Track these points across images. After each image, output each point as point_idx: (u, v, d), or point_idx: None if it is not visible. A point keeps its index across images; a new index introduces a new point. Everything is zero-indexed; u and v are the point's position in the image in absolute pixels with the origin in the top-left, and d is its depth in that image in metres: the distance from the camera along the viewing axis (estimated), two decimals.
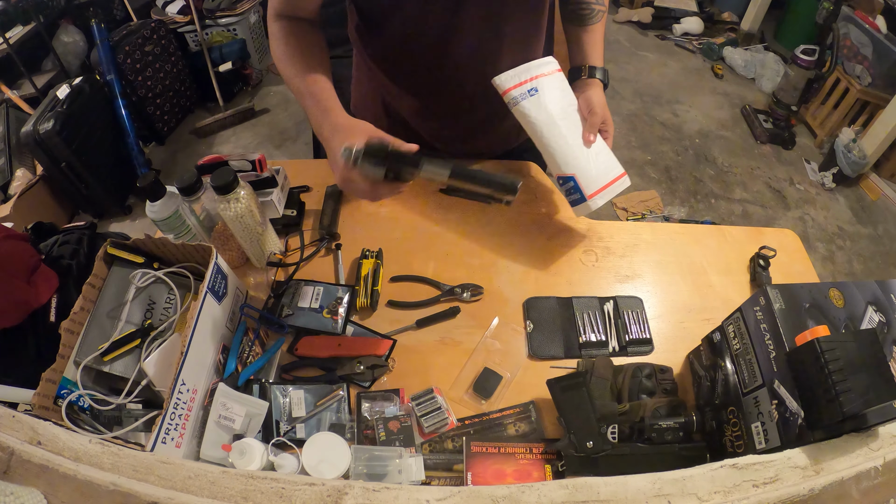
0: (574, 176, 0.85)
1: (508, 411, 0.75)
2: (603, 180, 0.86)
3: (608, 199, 0.86)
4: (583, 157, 0.86)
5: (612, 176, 0.87)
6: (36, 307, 1.18)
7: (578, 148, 0.86)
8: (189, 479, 0.45)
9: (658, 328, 0.85)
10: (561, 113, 0.86)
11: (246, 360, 0.74)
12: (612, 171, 0.88)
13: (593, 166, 0.86)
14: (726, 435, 0.65)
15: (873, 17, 2.63)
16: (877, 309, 0.63)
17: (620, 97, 3.02)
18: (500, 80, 0.86)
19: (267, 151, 2.70)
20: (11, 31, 2.37)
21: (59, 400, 0.63)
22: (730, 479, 0.47)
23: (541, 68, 0.87)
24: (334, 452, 0.65)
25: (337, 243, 0.95)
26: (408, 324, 0.84)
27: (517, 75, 0.85)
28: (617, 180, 0.88)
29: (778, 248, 0.93)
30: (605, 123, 0.90)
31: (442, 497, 0.45)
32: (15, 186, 2.16)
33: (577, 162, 0.85)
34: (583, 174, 0.85)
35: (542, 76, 0.86)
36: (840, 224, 2.40)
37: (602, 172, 0.86)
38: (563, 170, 0.86)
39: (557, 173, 0.87)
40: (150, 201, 0.81)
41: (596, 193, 0.85)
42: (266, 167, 0.91)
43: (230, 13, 2.85)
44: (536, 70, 0.86)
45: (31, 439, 0.46)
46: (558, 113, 0.86)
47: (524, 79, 0.85)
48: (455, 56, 0.86)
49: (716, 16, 3.56)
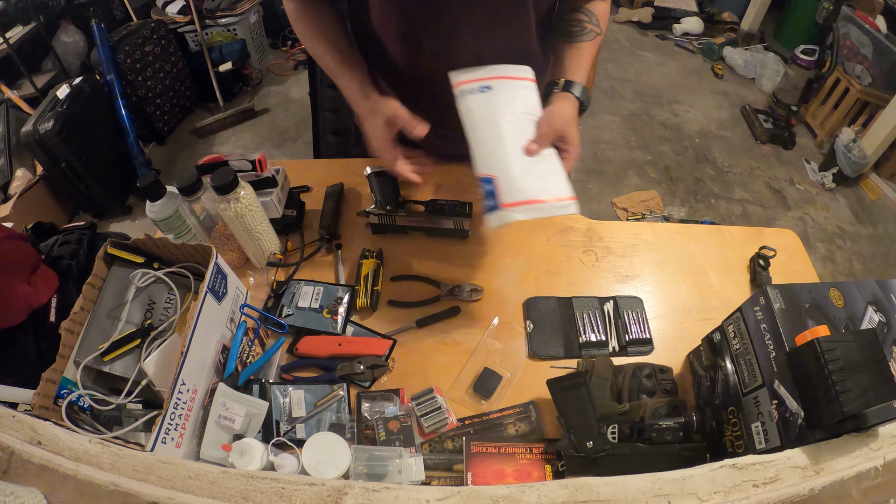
0: (494, 178, 0.71)
1: (508, 411, 0.75)
2: (531, 195, 0.71)
3: (532, 216, 0.70)
4: (515, 163, 0.72)
5: (548, 195, 0.72)
6: (36, 307, 1.18)
7: (513, 153, 0.73)
8: (189, 479, 0.45)
9: (658, 328, 0.85)
10: (509, 116, 0.76)
11: (246, 360, 0.74)
12: (551, 191, 0.73)
13: (525, 177, 0.72)
14: (726, 435, 0.65)
15: (873, 17, 2.63)
16: (877, 309, 0.63)
17: (620, 97, 3.02)
18: (453, 74, 0.79)
19: (267, 151, 2.70)
20: (11, 31, 2.37)
21: (59, 400, 0.63)
22: (730, 479, 0.47)
23: (509, 71, 0.79)
24: (334, 452, 0.65)
25: (337, 243, 0.95)
26: (408, 324, 0.84)
27: (474, 72, 0.78)
28: (554, 201, 0.72)
29: (778, 248, 0.93)
30: (566, 142, 0.77)
31: (442, 497, 0.45)
32: (15, 186, 2.16)
33: (504, 166, 0.72)
34: (505, 179, 0.71)
35: (504, 78, 0.78)
36: (840, 224, 2.40)
37: (533, 186, 0.72)
38: (483, 169, 0.73)
39: (477, 173, 0.74)
40: (150, 201, 0.81)
41: (514, 205, 0.70)
42: (266, 167, 0.91)
43: (230, 13, 2.86)
44: (501, 72, 0.79)
45: (31, 439, 0.46)
46: (505, 115, 0.75)
47: (481, 76, 0.78)
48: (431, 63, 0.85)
49: (716, 16, 3.56)
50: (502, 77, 0.78)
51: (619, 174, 2.56)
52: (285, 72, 3.19)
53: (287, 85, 3.12)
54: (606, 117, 2.85)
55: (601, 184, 2.50)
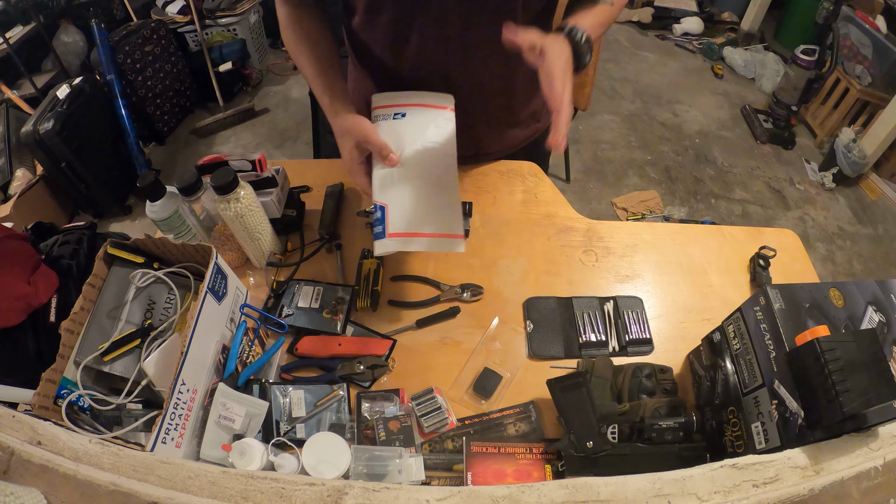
0: (385, 207, 0.73)
1: (508, 411, 0.75)
2: (418, 228, 0.73)
3: (416, 249, 0.74)
4: (409, 194, 0.74)
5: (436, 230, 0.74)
6: (36, 307, 1.18)
7: (410, 184, 0.74)
8: (189, 479, 0.45)
9: (658, 328, 0.85)
10: (416, 145, 0.76)
11: (246, 360, 0.74)
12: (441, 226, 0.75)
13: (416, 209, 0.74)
14: (726, 435, 0.65)
15: (873, 17, 2.63)
16: (877, 309, 0.63)
17: (620, 97, 3.02)
18: (375, 97, 0.81)
19: (267, 151, 2.70)
20: (11, 31, 2.37)
21: (59, 400, 0.63)
22: (730, 479, 0.47)
23: (427, 99, 0.80)
24: (334, 452, 0.65)
25: (337, 243, 0.95)
26: (408, 324, 0.84)
27: (393, 98, 0.80)
28: (441, 237, 0.74)
29: (778, 248, 0.93)
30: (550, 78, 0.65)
31: (442, 497, 0.45)
32: (15, 186, 2.16)
33: (398, 195, 0.74)
34: (396, 209, 0.73)
35: (421, 106, 0.79)
36: (840, 224, 2.40)
37: (422, 220, 0.74)
38: (377, 196, 0.74)
39: (374, 199, 0.75)
40: (150, 201, 0.81)
41: (399, 235, 0.72)
42: (266, 167, 0.91)
43: (230, 13, 2.86)
44: (420, 99, 0.80)
45: (31, 439, 0.46)
46: (412, 144, 0.76)
47: (398, 102, 0.79)
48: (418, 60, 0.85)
49: (716, 16, 3.56)
50: (419, 105, 0.80)
51: (619, 174, 2.56)
52: (285, 72, 3.19)
53: (287, 85, 3.12)
54: (606, 117, 2.85)
55: (601, 184, 2.50)
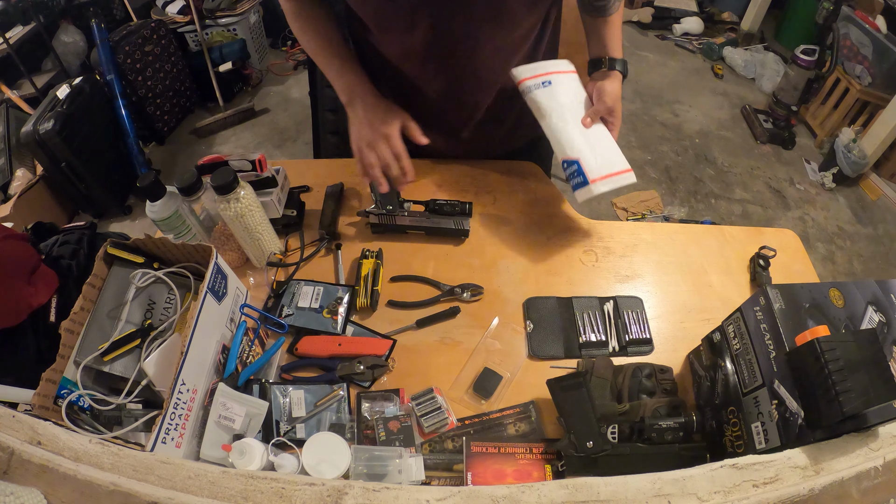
0: (578, 160, 0.87)
1: (508, 411, 0.75)
2: (606, 170, 0.88)
3: (611, 188, 0.87)
4: (588, 145, 0.89)
5: (615, 168, 0.89)
6: (36, 307, 1.18)
7: (585, 137, 0.89)
8: (189, 479, 0.45)
9: (658, 328, 0.85)
10: (570, 104, 0.91)
11: (246, 360, 0.74)
12: (616, 164, 0.90)
13: (598, 154, 0.88)
14: (726, 435, 0.65)
15: (873, 17, 2.63)
16: (877, 309, 0.63)
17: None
18: (516, 71, 0.91)
19: (267, 151, 2.70)
20: (11, 31, 2.37)
21: (59, 400, 0.63)
22: (730, 479, 0.47)
23: (557, 66, 0.93)
24: (334, 452, 0.65)
25: (337, 243, 0.95)
26: (408, 324, 0.84)
27: (534, 69, 0.91)
28: (621, 174, 0.89)
29: (778, 248, 0.93)
30: (613, 115, 0.91)
31: (442, 497, 0.45)
32: (15, 186, 2.16)
33: (582, 148, 0.88)
34: (586, 160, 0.87)
35: (557, 73, 0.92)
36: (840, 224, 2.40)
37: (606, 162, 0.89)
38: (568, 153, 0.88)
39: (563, 157, 0.90)
40: (150, 201, 0.81)
41: (599, 179, 0.86)
42: (266, 167, 0.90)
43: (230, 13, 2.86)
44: (553, 67, 0.92)
45: (31, 439, 0.46)
46: (568, 104, 0.90)
47: (539, 72, 0.91)
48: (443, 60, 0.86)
49: (716, 16, 3.56)
50: (556, 72, 0.93)
51: None
52: (285, 72, 3.19)
53: (287, 85, 3.12)
54: None
55: None
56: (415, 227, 0.95)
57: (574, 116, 0.90)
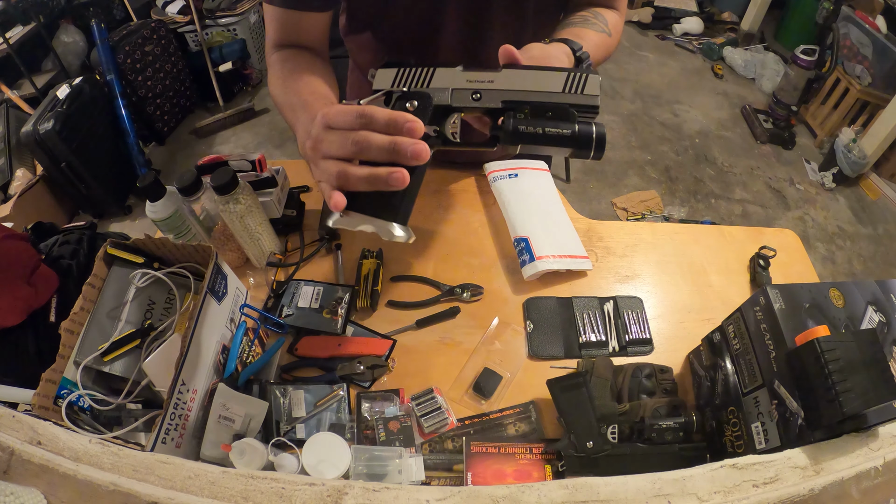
0: (527, 238, 0.90)
1: (508, 411, 0.75)
2: (558, 251, 0.89)
3: (559, 268, 0.88)
4: (541, 228, 0.92)
5: (570, 252, 0.91)
6: (36, 307, 1.18)
7: (540, 221, 0.92)
8: (189, 479, 0.45)
9: (658, 328, 0.85)
10: (532, 192, 0.97)
11: (246, 361, 0.74)
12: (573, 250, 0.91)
13: (549, 238, 0.91)
14: (726, 435, 0.65)
15: (873, 17, 2.63)
16: (877, 309, 0.63)
17: (620, 97, 3.02)
18: (488, 165, 1.02)
19: (267, 151, 2.70)
20: (11, 31, 2.37)
21: (59, 400, 0.63)
22: (730, 479, 0.47)
23: (530, 164, 1.02)
24: (334, 452, 0.65)
25: (337, 243, 0.95)
26: (408, 324, 0.84)
27: (505, 164, 1.01)
28: (573, 258, 0.90)
29: (778, 248, 0.93)
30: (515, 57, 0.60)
31: (442, 497, 0.45)
32: (15, 186, 2.16)
33: (534, 229, 0.91)
34: (536, 239, 0.90)
35: (527, 169, 1.01)
36: (840, 224, 2.40)
37: (559, 245, 0.90)
38: (518, 232, 0.92)
39: (514, 235, 0.92)
40: (150, 201, 0.81)
41: (545, 258, 0.88)
42: (266, 167, 0.90)
43: (230, 13, 2.85)
44: (524, 164, 1.01)
45: (31, 439, 0.45)
46: (529, 191, 0.97)
47: (510, 167, 1.00)
48: (441, 55, 0.85)
49: (716, 16, 3.56)
50: (526, 168, 1.01)
51: (619, 174, 2.56)
52: None
53: None
54: (606, 117, 2.85)
55: (601, 184, 2.50)
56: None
57: (534, 203, 0.94)
